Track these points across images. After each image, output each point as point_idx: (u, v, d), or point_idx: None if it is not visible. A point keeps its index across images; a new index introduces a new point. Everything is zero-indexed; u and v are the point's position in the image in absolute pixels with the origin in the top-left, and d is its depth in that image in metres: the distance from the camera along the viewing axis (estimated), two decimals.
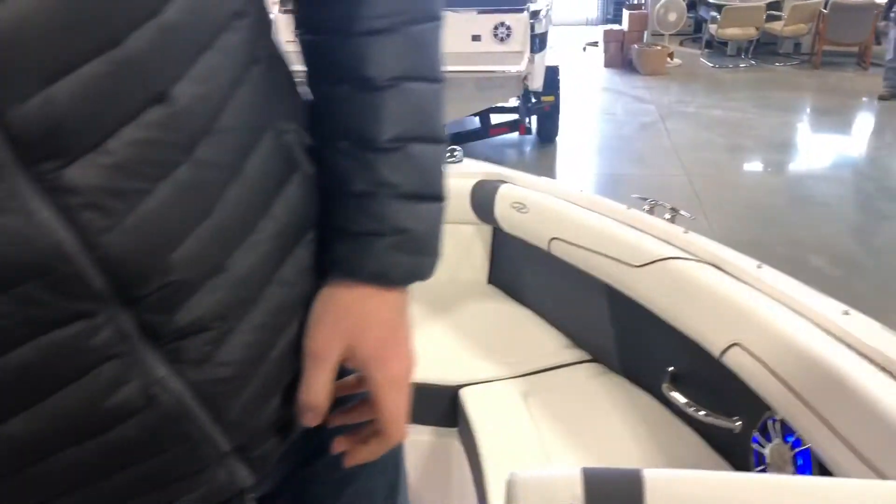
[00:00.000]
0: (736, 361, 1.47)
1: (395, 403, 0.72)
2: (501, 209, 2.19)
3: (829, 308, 1.39)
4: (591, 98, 8.27)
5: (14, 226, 0.48)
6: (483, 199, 2.25)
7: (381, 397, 0.71)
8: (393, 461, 0.95)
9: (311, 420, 0.72)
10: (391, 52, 0.66)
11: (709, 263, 1.61)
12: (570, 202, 2.01)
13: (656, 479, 0.92)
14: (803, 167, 6.21)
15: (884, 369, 1.23)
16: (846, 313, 1.36)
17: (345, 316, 0.69)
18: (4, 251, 0.48)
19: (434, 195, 0.72)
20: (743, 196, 5.36)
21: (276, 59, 0.69)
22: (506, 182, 2.22)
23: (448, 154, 2.40)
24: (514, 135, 6.42)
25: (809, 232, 4.75)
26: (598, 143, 6.82)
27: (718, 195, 5.35)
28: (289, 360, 0.70)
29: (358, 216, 0.69)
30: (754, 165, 6.24)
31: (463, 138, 6.36)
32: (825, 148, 6.63)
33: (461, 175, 2.33)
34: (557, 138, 6.62)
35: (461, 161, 2.41)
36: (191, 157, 0.56)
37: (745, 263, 1.57)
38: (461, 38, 5.42)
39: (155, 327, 0.58)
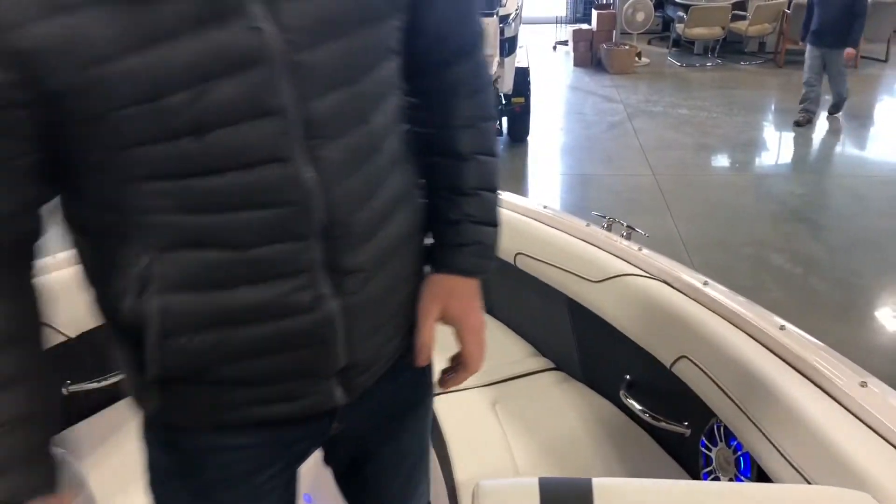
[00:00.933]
0: (684, 372, 1.60)
1: (474, 344, 1.20)
2: None
3: (768, 323, 1.51)
4: (560, 97, 8.40)
5: (292, 174, 0.87)
6: None
7: (465, 340, 1.19)
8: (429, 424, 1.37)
9: (423, 358, 1.15)
10: (470, 138, 1.10)
11: (660, 280, 1.73)
12: (534, 219, 2.12)
13: (604, 487, 1.04)
14: (766, 166, 6.40)
15: (813, 382, 1.36)
16: (782, 328, 1.49)
17: (443, 292, 1.13)
18: (282, 186, 0.87)
19: (495, 223, 1.15)
20: (709, 196, 5.53)
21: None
22: None
23: None
24: None
25: (772, 231, 4.92)
26: (568, 143, 6.95)
27: (685, 195, 5.51)
28: (402, 309, 1.10)
29: (452, 235, 1.12)
30: (719, 165, 6.41)
31: None
32: (787, 147, 6.82)
33: None
34: (528, 138, 6.74)
35: None
36: (375, 157, 0.96)
37: (693, 280, 1.69)
38: None
39: (333, 260, 0.94)
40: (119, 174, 0.84)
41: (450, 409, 1.92)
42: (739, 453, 1.52)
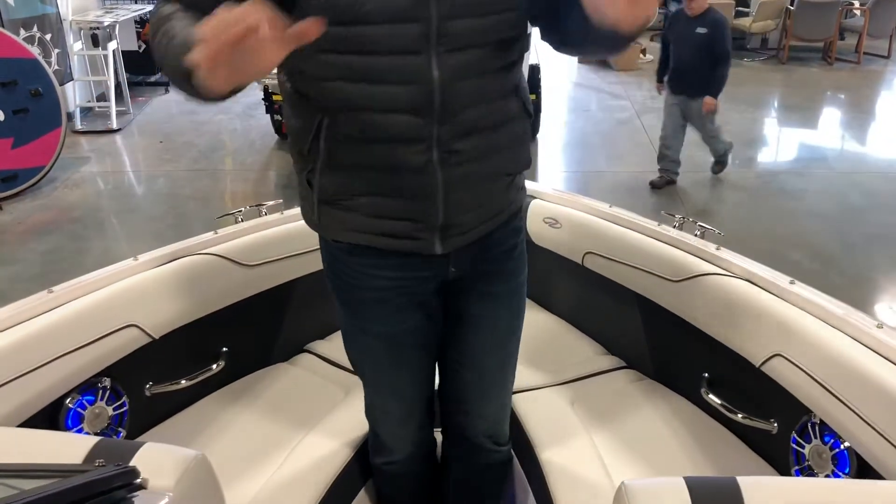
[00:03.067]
0: (777, 370, 1.61)
1: None
2: (534, 224, 2.30)
3: (865, 320, 1.53)
4: (566, 94, 8.42)
5: (424, 65, 1.19)
6: None
7: None
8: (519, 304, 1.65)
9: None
10: None
11: (744, 279, 1.75)
12: (601, 217, 2.13)
13: (752, 485, 1.05)
14: (776, 162, 6.44)
15: None
16: (880, 326, 1.51)
17: None
18: (416, 72, 1.20)
19: None
20: (721, 192, 5.57)
21: None
22: (536, 197, 2.34)
23: None
24: None
25: (787, 227, 4.96)
26: (578, 140, 6.98)
27: (696, 192, 5.55)
28: (492, 200, 1.41)
29: None
30: (729, 161, 6.44)
31: None
32: (795, 143, 6.88)
33: None
34: (538, 136, 6.76)
35: None
36: (489, 78, 1.29)
37: (778, 279, 1.71)
38: None
39: (443, 140, 1.25)
40: (305, 47, 0.98)
41: (531, 408, 1.93)
42: (837, 450, 1.55)
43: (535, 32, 1.40)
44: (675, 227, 2.02)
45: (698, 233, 1.98)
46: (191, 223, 5.04)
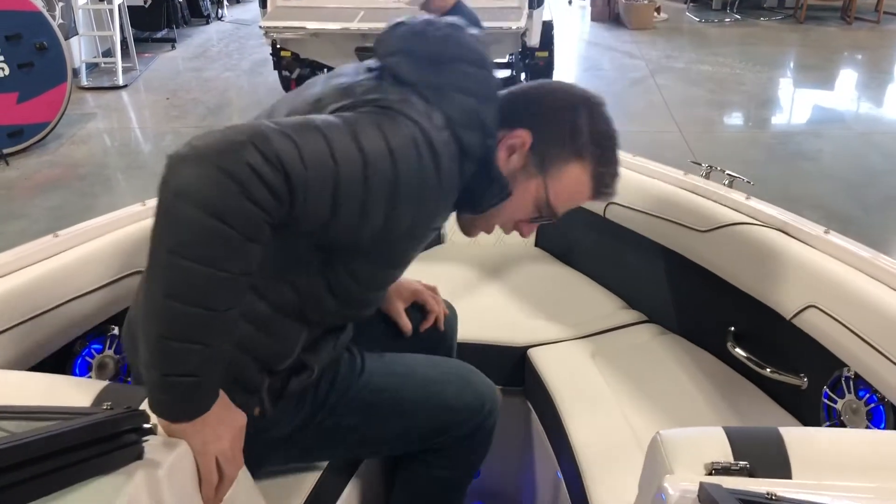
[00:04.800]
0: (811, 322, 1.55)
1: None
2: None
3: None
4: (578, 53, 8.27)
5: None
6: None
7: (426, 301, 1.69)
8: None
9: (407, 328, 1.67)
10: None
11: (777, 228, 1.68)
12: (626, 168, 2.05)
13: (795, 436, 0.99)
14: (792, 123, 6.32)
15: None
16: None
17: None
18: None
19: None
20: (737, 153, 5.46)
21: None
22: None
23: None
24: None
25: (803, 188, 4.86)
26: None
27: (714, 152, 5.44)
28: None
29: None
30: (745, 122, 6.33)
31: None
32: (812, 103, 6.74)
33: None
34: None
35: None
36: None
37: (812, 229, 1.64)
38: None
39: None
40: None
41: (550, 361, 1.88)
42: (872, 405, 1.49)
43: None
44: (702, 175, 1.95)
45: (727, 182, 1.91)
46: None
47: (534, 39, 5.81)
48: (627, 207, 2.01)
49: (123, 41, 7.16)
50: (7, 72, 5.21)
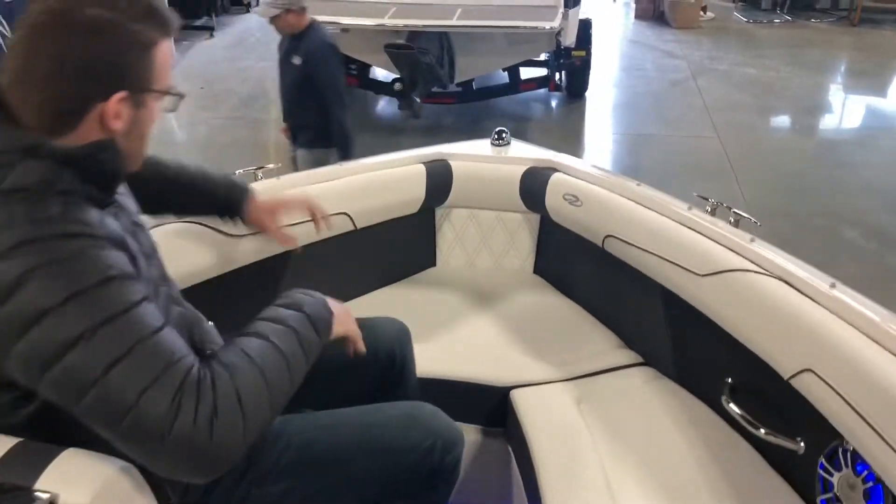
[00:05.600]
0: (807, 386, 1.42)
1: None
2: (553, 200, 2.12)
3: None
4: (619, 52, 8.07)
5: None
6: (533, 187, 2.18)
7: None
8: None
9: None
10: None
11: (779, 278, 1.55)
12: (626, 197, 1.94)
13: None
14: (839, 132, 6.06)
15: None
16: None
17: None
18: None
19: None
20: (777, 162, 5.25)
21: None
22: (558, 171, 2.15)
23: (495, 136, 2.32)
24: (543, 90, 6.29)
25: (844, 202, 4.64)
26: (627, 101, 6.67)
27: (751, 160, 5.23)
28: None
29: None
30: (788, 129, 6.09)
31: (491, 93, 6.22)
32: (861, 112, 6.46)
33: (510, 160, 2.25)
34: (586, 94, 6.47)
35: (509, 143, 2.33)
36: None
37: (817, 281, 1.50)
38: None
39: None
40: None
41: (532, 405, 1.77)
42: (871, 483, 1.36)
43: None
44: (707, 211, 1.81)
45: (732, 220, 1.77)
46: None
47: (569, 39, 5.66)
48: (626, 242, 1.89)
49: None
50: None
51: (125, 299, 0.94)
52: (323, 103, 3.37)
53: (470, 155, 2.27)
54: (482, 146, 2.33)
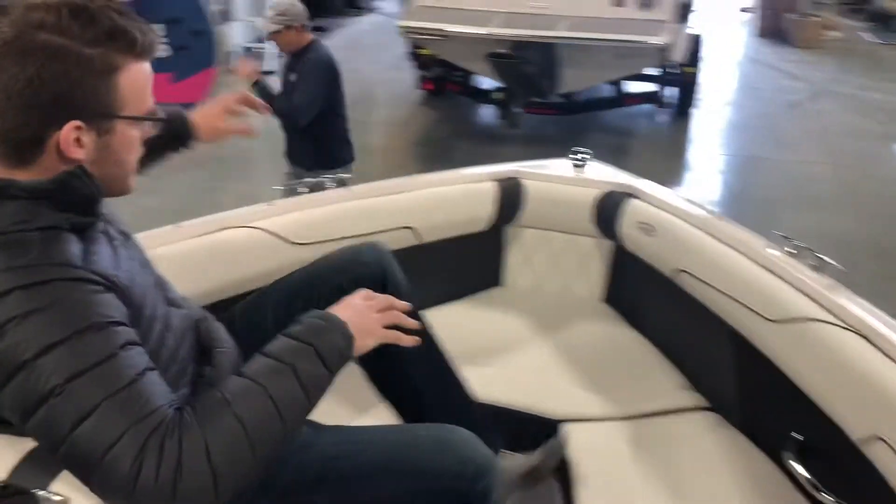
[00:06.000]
0: (878, 455, 1.31)
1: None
2: (627, 227, 2.04)
3: None
4: (737, 69, 7.75)
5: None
6: (607, 212, 2.10)
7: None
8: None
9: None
10: None
11: (858, 332, 1.43)
12: (703, 231, 1.84)
13: None
14: None
15: None
16: None
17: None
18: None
19: None
20: (893, 196, 4.89)
21: None
22: (635, 197, 2.06)
23: (574, 155, 2.25)
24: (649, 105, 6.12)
25: None
26: (740, 121, 6.39)
27: (869, 191, 4.90)
28: None
29: None
30: None
31: (595, 106, 6.11)
32: None
33: (585, 183, 2.17)
34: (694, 111, 6.25)
35: (588, 164, 2.25)
36: None
37: None
38: (601, 1, 5.12)
39: None
40: None
41: (582, 441, 1.70)
42: None
43: None
44: (788, 252, 1.69)
45: (815, 264, 1.65)
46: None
47: (679, 54, 5.48)
48: (698, 279, 1.79)
49: None
50: (167, 52, 5.51)
51: (100, 350, 0.92)
52: (323, 123, 3.31)
53: (544, 175, 2.21)
54: (559, 165, 2.26)
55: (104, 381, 0.91)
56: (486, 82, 6.08)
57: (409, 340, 1.26)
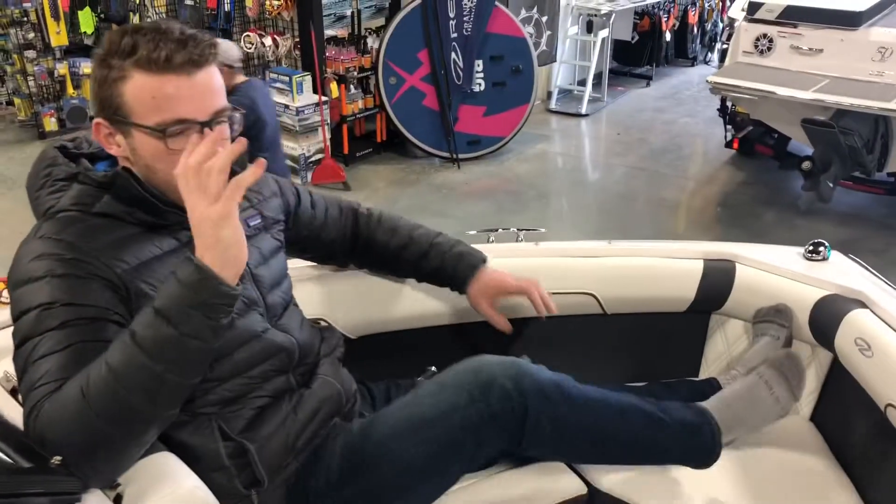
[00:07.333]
0: None
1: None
2: (843, 340, 1.72)
3: None
4: None
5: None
6: (826, 319, 1.79)
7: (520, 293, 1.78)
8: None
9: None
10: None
11: None
12: None
13: None
14: None
15: None
16: None
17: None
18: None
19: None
20: None
21: None
22: (865, 307, 1.73)
23: (810, 248, 1.96)
24: None
25: None
26: None
27: None
28: None
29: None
30: None
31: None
32: None
33: (807, 280, 1.88)
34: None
35: (826, 259, 1.94)
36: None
37: None
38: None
39: None
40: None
41: None
42: None
43: None
44: None
45: None
46: (605, 220, 5.11)
47: None
48: None
49: (601, 73, 7.48)
50: (482, 87, 5.89)
51: (47, 323, 1.11)
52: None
53: (763, 262, 1.93)
54: (787, 255, 1.98)
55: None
56: (804, 149, 5.55)
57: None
